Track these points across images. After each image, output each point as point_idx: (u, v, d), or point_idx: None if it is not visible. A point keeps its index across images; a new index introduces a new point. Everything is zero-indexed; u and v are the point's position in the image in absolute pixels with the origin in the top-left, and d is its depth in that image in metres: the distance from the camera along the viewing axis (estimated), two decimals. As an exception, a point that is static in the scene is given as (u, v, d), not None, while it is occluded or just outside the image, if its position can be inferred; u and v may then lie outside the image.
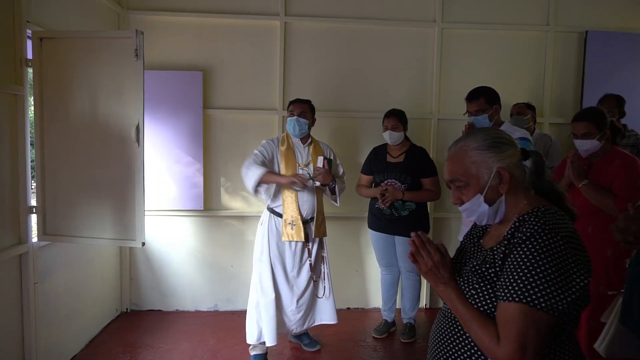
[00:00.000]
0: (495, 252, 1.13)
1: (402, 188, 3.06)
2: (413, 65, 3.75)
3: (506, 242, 1.11)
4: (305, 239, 2.83)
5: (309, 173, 2.84)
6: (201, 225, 3.71)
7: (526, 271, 1.02)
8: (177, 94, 3.51)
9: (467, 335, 1.13)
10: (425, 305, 3.86)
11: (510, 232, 1.12)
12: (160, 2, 3.57)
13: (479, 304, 1.11)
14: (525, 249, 1.05)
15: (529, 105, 3.45)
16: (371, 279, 3.82)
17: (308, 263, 2.87)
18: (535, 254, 1.03)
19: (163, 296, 3.72)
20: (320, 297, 2.95)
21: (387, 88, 3.73)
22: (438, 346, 1.22)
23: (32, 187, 2.61)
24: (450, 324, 1.20)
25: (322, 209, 2.95)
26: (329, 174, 2.79)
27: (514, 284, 1.03)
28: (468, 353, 1.14)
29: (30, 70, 2.52)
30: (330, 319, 2.98)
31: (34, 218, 2.56)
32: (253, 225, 3.45)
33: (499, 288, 1.07)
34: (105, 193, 2.57)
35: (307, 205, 2.85)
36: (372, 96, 3.72)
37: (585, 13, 3.77)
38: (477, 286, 1.12)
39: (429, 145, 3.68)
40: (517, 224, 1.11)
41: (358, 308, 3.84)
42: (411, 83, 3.76)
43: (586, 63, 3.71)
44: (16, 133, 2.38)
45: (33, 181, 2.69)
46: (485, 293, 1.11)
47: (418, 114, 3.67)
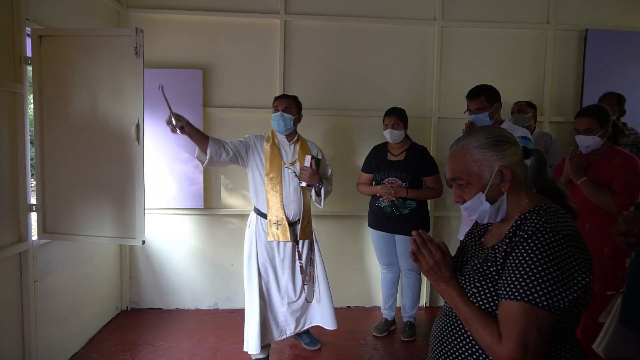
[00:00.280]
0: (496, 251, 1.13)
1: (404, 186, 3.06)
2: (413, 63, 3.75)
3: (507, 241, 1.11)
4: (294, 241, 2.76)
5: (295, 172, 2.74)
6: (201, 223, 3.71)
7: (528, 269, 1.02)
8: (177, 92, 3.49)
9: (469, 333, 1.14)
10: (425, 303, 3.86)
11: (511, 231, 1.12)
12: (159, 0, 3.56)
13: (481, 303, 1.11)
14: (527, 247, 1.05)
15: (530, 103, 3.45)
16: (371, 278, 3.83)
17: (299, 266, 2.79)
18: (537, 252, 1.03)
19: (163, 294, 3.72)
20: (309, 302, 2.85)
21: (387, 86, 3.72)
22: (439, 345, 1.22)
23: (32, 186, 2.61)
24: (451, 323, 1.20)
25: (309, 211, 2.84)
26: (316, 175, 2.71)
27: (516, 282, 1.03)
28: (470, 352, 1.14)
29: (29, 68, 2.51)
30: (328, 324, 2.87)
31: (34, 216, 2.55)
32: (253, 223, 3.44)
33: (501, 286, 1.07)
34: (105, 191, 2.56)
35: (294, 206, 2.74)
36: (372, 95, 3.72)
37: (585, 11, 3.77)
38: (479, 284, 1.12)
39: (429, 143, 3.68)
40: (519, 223, 1.11)
41: (358, 306, 3.84)
42: (411, 81, 3.76)
43: (586, 61, 3.71)
44: (16, 131, 2.37)
45: (33, 179, 2.69)
46: (486, 291, 1.11)
47: (418, 113, 3.67)
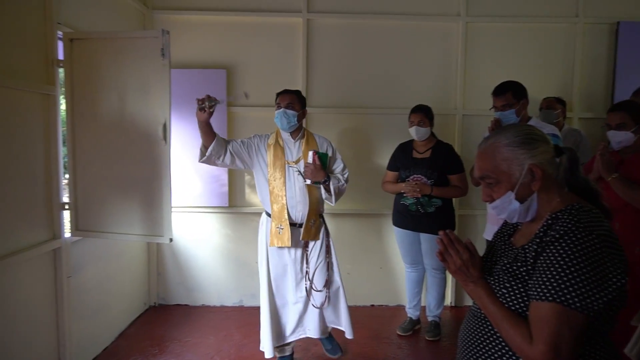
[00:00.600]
0: (526, 251, 1.12)
1: (429, 184, 3.03)
2: (436, 60, 3.71)
3: (538, 240, 1.09)
4: (304, 246, 2.65)
5: (299, 170, 2.58)
6: (226, 221, 3.76)
7: (560, 270, 1.00)
8: (202, 92, 3.52)
9: (498, 335, 1.12)
10: (450, 303, 3.82)
11: (542, 230, 1.10)
12: (184, 2, 3.61)
13: (511, 303, 1.09)
14: (559, 247, 1.03)
15: (559, 99, 3.36)
16: (395, 276, 3.80)
17: (305, 270, 2.66)
18: (569, 252, 1.01)
19: (189, 291, 3.79)
20: (320, 307, 2.68)
21: (410, 84, 3.69)
22: (468, 346, 1.21)
23: (64, 184, 2.69)
24: (480, 324, 1.19)
25: (315, 210, 2.64)
26: (320, 170, 2.51)
27: (547, 283, 1.01)
28: (499, 353, 1.12)
29: (61, 70, 2.59)
30: (344, 328, 2.75)
31: (66, 214, 2.63)
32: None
33: (532, 287, 1.05)
34: (133, 190, 2.62)
35: (301, 206, 2.59)
36: (395, 92, 3.69)
37: (616, 3, 3.64)
38: (508, 285, 1.11)
39: (454, 141, 3.62)
40: (550, 222, 1.09)
41: (382, 305, 3.83)
42: (435, 79, 3.72)
43: (618, 55, 3.59)
44: (49, 132, 2.45)
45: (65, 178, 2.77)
46: (516, 292, 1.09)
47: (442, 110, 3.62)
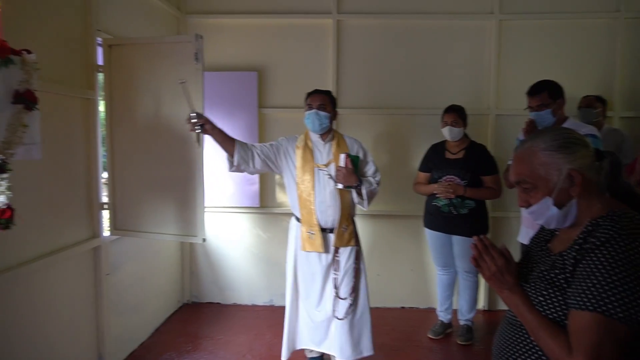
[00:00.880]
0: (565, 257, 1.08)
1: (462, 184, 2.97)
2: (469, 59, 3.64)
3: (577, 247, 1.06)
4: (335, 251, 2.52)
5: (330, 174, 2.48)
6: (257, 221, 3.81)
7: (601, 278, 0.97)
8: (234, 94, 3.62)
9: (535, 344, 1.09)
10: (483, 307, 3.75)
11: (582, 237, 1.07)
12: (215, 6, 3.68)
13: (548, 312, 1.07)
14: (599, 255, 0.99)
15: (600, 98, 3.23)
16: (427, 279, 3.76)
17: (333, 277, 2.52)
18: (611, 260, 0.97)
19: (221, 290, 3.86)
20: (341, 318, 2.49)
21: (442, 84, 3.64)
22: (503, 355, 1.18)
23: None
24: (515, 332, 1.16)
25: (348, 215, 2.53)
26: (352, 174, 2.38)
27: (588, 292, 0.98)
28: (536, 362, 1.10)
29: (100, 75, 2.68)
30: (364, 349, 2.54)
31: (105, 214, 2.73)
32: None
33: (571, 295, 1.02)
34: (168, 191, 2.70)
35: (331, 211, 2.48)
36: (426, 93, 3.65)
37: (660, -3, 3.48)
38: (546, 292, 1.08)
39: (486, 142, 3.54)
40: (590, 229, 1.06)
41: (413, 307, 3.79)
42: (467, 78, 3.65)
43: (663, 51, 3.44)
44: (89, 135, 2.55)
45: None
46: (554, 300, 1.06)
47: (474, 110, 3.54)
